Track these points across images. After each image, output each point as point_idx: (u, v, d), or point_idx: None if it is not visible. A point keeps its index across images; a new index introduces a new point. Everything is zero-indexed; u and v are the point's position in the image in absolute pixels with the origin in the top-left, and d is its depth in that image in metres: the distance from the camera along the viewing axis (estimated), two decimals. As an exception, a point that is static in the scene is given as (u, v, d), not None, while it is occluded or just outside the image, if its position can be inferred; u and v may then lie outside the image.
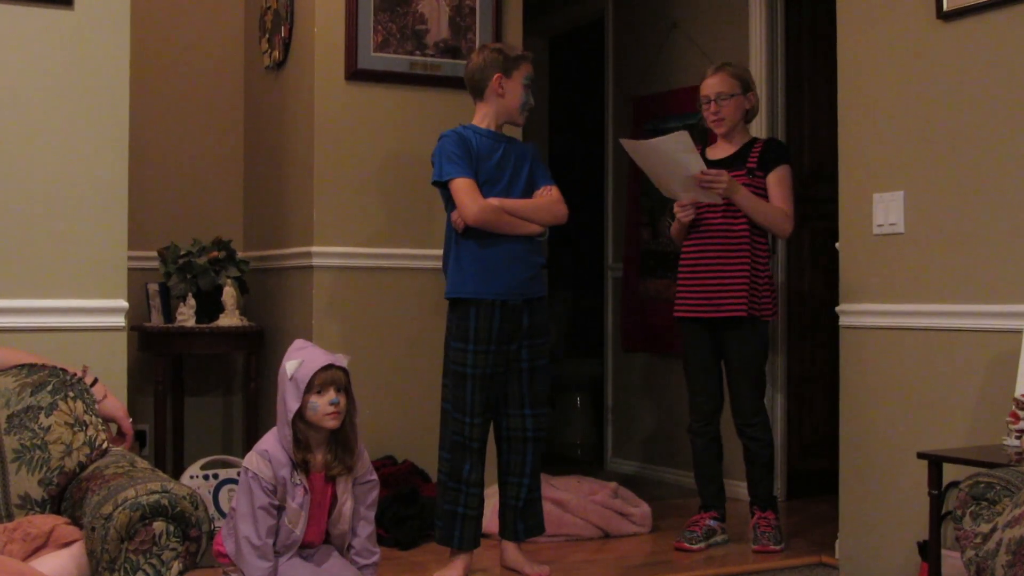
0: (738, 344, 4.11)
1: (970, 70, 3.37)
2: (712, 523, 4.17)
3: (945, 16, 3.42)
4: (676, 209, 4.13)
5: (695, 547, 4.09)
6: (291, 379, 3.00)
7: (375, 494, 3.16)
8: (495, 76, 3.70)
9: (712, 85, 4.16)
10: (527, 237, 3.69)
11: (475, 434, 3.67)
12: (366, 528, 3.15)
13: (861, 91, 3.71)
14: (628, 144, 4.04)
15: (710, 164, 4.14)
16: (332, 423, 2.99)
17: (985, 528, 2.46)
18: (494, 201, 3.63)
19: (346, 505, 3.09)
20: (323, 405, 2.97)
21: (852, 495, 3.75)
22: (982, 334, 3.32)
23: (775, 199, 4.08)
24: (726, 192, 3.99)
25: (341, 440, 3.04)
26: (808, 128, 5.24)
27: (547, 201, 3.73)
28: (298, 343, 3.10)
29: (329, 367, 2.98)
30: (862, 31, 3.71)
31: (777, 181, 4.09)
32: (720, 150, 4.21)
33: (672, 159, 3.96)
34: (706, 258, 4.11)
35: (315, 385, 2.96)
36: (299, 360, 3.00)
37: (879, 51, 3.65)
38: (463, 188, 3.61)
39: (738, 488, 4.99)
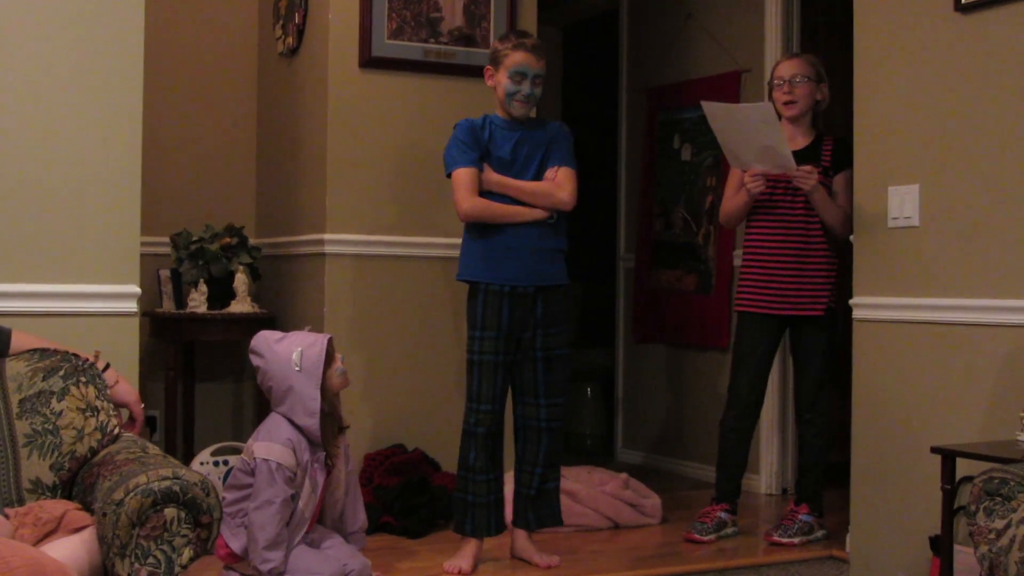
0: (812, 337, 4.09)
1: (987, 63, 3.35)
2: (723, 515, 4.16)
3: (963, 8, 3.40)
4: (747, 179, 4.02)
5: (705, 539, 4.07)
6: (300, 370, 3.03)
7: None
8: (487, 67, 3.74)
9: (790, 67, 4.12)
10: (536, 221, 3.67)
11: (482, 421, 3.64)
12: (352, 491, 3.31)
13: (877, 83, 3.69)
14: (708, 107, 3.94)
15: None
16: (345, 383, 3.23)
17: (999, 524, 2.45)
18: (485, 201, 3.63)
19: (341, 471, 3.21)
20: (339, 370, 3.18)
21: (864, 489, 3.74)
22: (997, 328, 3.30)
23: (842, 202, 4.03)
24: (811, 190, 3.97)
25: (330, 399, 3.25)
26: (823, 120, 5.20)
27: (546, 185, 3.68)
28: (260, 344, 3.19)
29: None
30: (879, 23, 3.69)
31: (845, 184, 4.02)
32: (791, 141, 4.11)
33: (752, 127, 3.87)
34: (783, 252, 4.06)
35: (330, 356, 3.16)
36: (298, 350, 3.10)
37: (896, 43, 3.63)
38: (460, 181, 3.62)
39: (749, 480, 4.99)
